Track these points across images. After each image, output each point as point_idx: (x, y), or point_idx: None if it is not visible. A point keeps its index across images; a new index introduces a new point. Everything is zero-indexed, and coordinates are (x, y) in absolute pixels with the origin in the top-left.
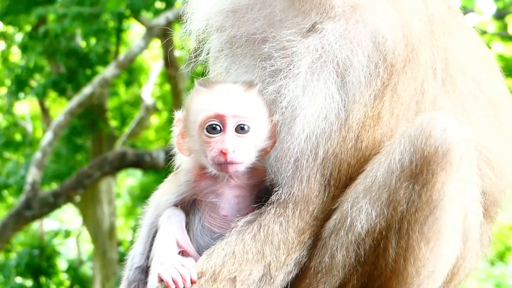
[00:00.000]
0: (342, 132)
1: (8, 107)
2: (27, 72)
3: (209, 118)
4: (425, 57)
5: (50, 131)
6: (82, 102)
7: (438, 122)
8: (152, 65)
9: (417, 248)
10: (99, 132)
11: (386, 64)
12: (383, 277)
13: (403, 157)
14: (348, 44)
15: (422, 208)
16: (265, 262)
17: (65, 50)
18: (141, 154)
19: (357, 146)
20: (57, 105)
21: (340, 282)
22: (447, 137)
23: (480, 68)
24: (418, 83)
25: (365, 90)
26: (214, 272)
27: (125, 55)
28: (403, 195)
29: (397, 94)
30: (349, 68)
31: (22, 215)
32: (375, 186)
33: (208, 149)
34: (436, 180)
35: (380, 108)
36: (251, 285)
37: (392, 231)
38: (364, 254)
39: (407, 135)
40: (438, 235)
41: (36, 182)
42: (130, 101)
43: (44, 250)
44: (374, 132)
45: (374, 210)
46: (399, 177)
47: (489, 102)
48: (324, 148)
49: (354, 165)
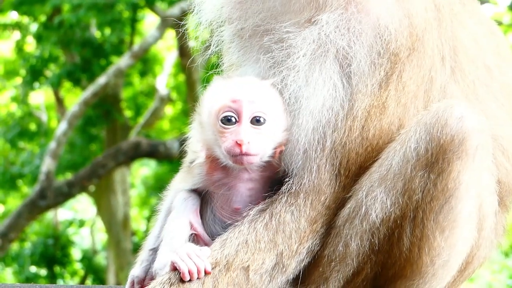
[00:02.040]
0: (348, 122)
1: (23, 97)
2: (42, 62)
3: (224, 107)
4: (431, 46)
5: (64, 121)
6: (97, 92)
7: (454, 110)
8: (166, 55)
9: (432, 237)
10: (114, 122)
11: (389, 53)
12: (397, 266)
13: (419, 145)
14: (346, 34)
15: (437, 197)
16: (277, 251)
17: (79, 40)
18: (155, 144)
19: (364, 135)
20: (71, 95)
21: (354, 270)
22: (463, 125)
23: (491, 56)
24: (425, 71)
25: (369, 79)
26: (228, 261)
27: (139, 45)
28: (418, 184)
29: (403, 83)
30: (350, 58)
31: (36, 204)
32: (390, 175)
33: (222, 140)
34: (451, 169)
35: (385, 97)
36: (264, 274)
37: (407, 220)
38: (378, 243)
39: (423, 123)
40: (453, 224)
41: (50, 172)
42: (144, 91)
43: (59, 239)
44: (380, 121)
45: (389, 199)
46: (414, 165)
47: (502, 91)
48: (331, 138)
49: (362, 154)
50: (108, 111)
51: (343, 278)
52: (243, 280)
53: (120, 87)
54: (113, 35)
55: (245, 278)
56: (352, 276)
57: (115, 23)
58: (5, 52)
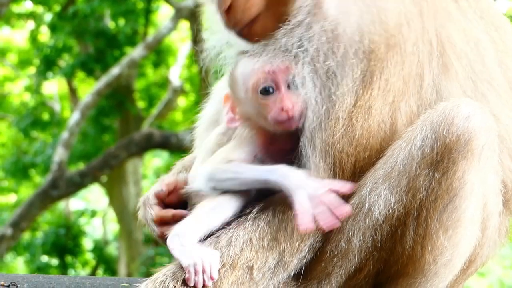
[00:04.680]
0: (331, 123)
1: (37, 87)
2: (56, 52)
3: (260, 79)
4: (413, 41)
5: (77, 111)
6: (110, 82)
7: (461, 109)
8: (180, 47)
9: (435, 236)
10: (126, 113)
11: (362, 51)
12: (400, 263)
13: (424, 144)
14: (314, 37)
15: (441, 196)
16: (279, 248)
17: (93, 31)
18: (167, 136)
19: (351, 135)
20: (85, 85)
21: (356, 266)
22: (469, 125)
23: (492, 52)
24: (410, 68)
25: (345, 80)
26: (233, 261)
27: (153, 36)
28: (423, 182)
29: (385, 80)
30: (321, 60)
31: (48, 194)
32: (395, 173)
33: (267, 111)
34: (457, 168)
35: (368, 96)
36: (266, 272)
37: (410, 217)
38: (381, 239)
39: (429, 122)
40: (457, 224)
41: (63, 162)
42: (157, 83)
43: (70, 229)
44: (367, 120)
45: (393, 196)
46: (419, 164)
47: (506, 89)
48: (319, 138)
49: (353, 153)
50: (121, 102)
51: (345, 274)
52: (247, 279)
53: (133, 78)
54: (127, 25)
55: (249, 277)
56: (354, 272)
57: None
58: (19, 42)
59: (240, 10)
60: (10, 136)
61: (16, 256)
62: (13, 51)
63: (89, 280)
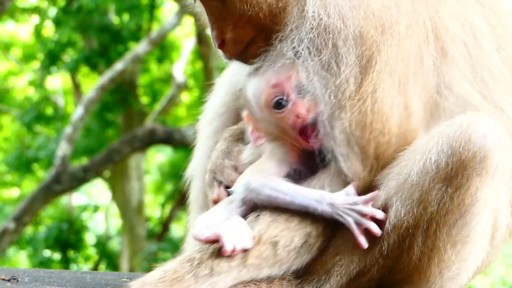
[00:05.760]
0: (342, 112)
1: (41, 81)
2: (60, 46)
3: (270, 95)
4: (406, 24)
5: (81, 106)
6: (114, 78)
7: (479, 126)
8: (184, 42)
9: (443, 250)
10: (130, 108)
11: (352, 38)
12: (405, 272)
13: (440, 158)
14: (305, 38)
15: (452, 211)
16: (306, 231)
17: (98, 26)
18: (170, 131)
19: (363, 121)
20: (88, 80)
21: (360, 270)
22: (486, 143)
23: (490, 37)
24: (408, 50)
25: (342, 69)
26: (260, 235)
27: (157, 31)
28: (435, 196)
29: (384, 63)
30: (315, 56)
31: (51, 188)
32: (408, 185)
33: (285, 123)
34: (470, 185)
35: (369, 80)
36: (291, 251)
37: (419, 229)
38: (387, 247)
39: (446, 135)
40: (466, 240)
41: (66, 157)
42: (161, 78)
43: (73, 224)
44: (375, 104)
45: (404, 207)
46: (433, 178)
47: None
48: (337, 129)
49: (371, 139)
50: (125, 97)
51: (346, 275)
52: (271, 255)
53: (137, 73)
54: (131, 21)
55: (273, 253)
56: (357, 275)
57: (134, 9)
58: (24, 36)
59: (233, 43)
60: (14, 130)
61: (18, 250)
62: (18, 45)
63: (90, 275)
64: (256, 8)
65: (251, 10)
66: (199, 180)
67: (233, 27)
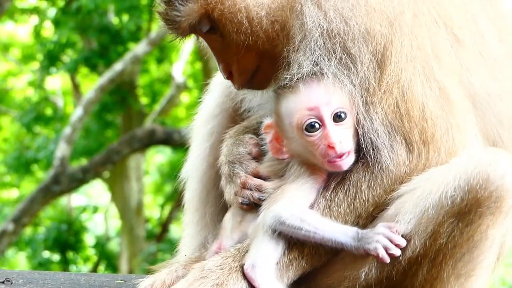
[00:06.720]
0: (374, 106)
1: (40, 82)
2: (59, 47)
3: (304, 116)
4: (411, 13)
5: (80, 106)
6: (113, 78)
7: (498, 166)
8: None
9: (447, 281)
10: (129, 109)
11: (360, 36)
12: None
13: (456, 193)
14: (316, 46)
15: (461, 245)
16: (356, 214)
17: (97, 26)
18: (170, 132)
19: (397, 111)
20: (88, 81)
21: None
22: (504, 184)
23: (491, 28)
24: (422, 37)
25: (359, 67)
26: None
27: (157, 32)
28: (446, 229)
29: (399, 53)
30: (332, 60)
31: (50, 189)
32: (425, 219)
33: (314, 148)
34: (481, 222)
35: (389, 71)
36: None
37: (426, 259)
38: (394, 271)
39: (464, 171)
40: (470, 273)
41: (65, 157)
42: (161, 79)
43: (72, 225)
44: (405, 93)
45: (419, 240)
46: (447, 212)
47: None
48: (375, 119)
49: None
50: (124, 97)
51: None
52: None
53: (136, 74)
54: (130, 21)
55: None
56: None
57: (133, 10)
58: (23, 37)
59: (239, 74)
60: (13, 131)
61: (17, 251)
62: (17, 46)
63: (84, 277)
64: (253, 36)
65: (248, 40)
66: (194, 181)
67: (236, 58)
